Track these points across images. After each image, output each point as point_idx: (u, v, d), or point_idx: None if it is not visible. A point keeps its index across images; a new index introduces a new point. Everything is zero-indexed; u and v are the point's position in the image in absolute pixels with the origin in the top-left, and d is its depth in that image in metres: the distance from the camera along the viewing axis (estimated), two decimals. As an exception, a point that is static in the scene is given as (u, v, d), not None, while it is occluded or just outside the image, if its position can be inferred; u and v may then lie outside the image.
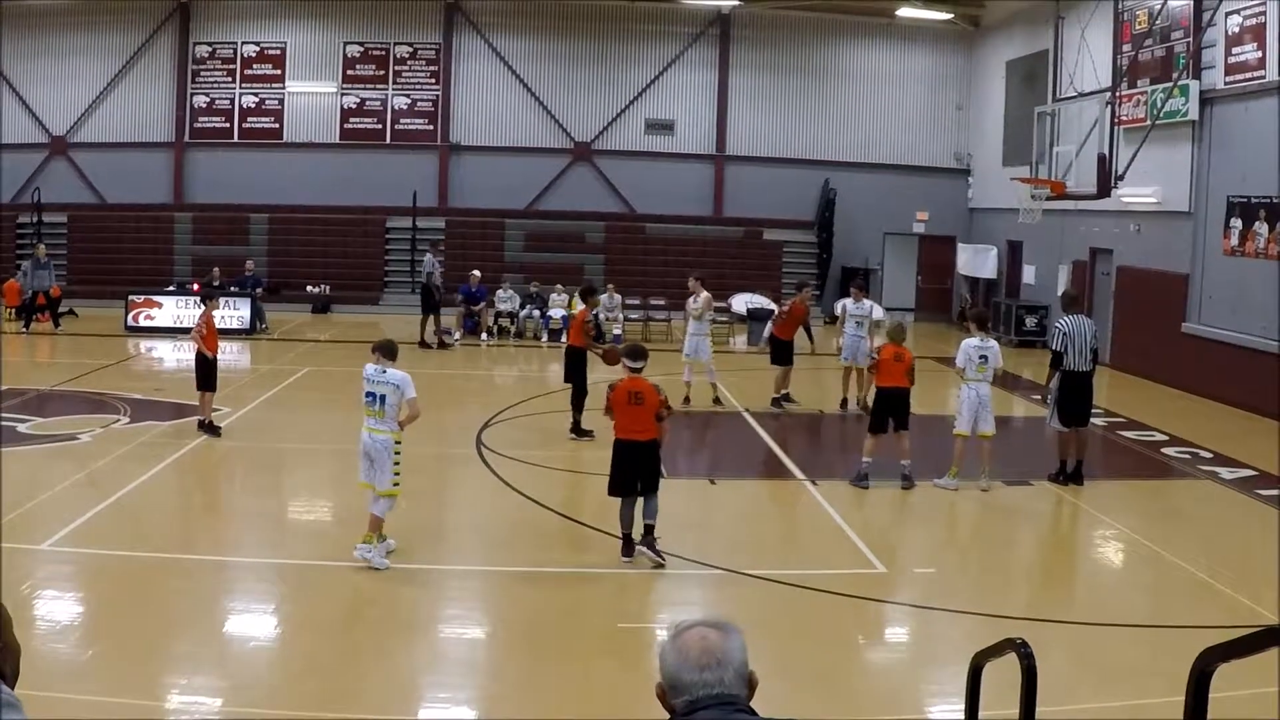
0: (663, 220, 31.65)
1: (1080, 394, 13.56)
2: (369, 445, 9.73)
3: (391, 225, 30.90)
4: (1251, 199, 18.95)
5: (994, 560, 11.40)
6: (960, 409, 13.15)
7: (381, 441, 9.69)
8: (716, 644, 2.70)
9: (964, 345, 13.25)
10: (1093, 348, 13.61)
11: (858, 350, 17.50)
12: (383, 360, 9.81)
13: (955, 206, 32.42)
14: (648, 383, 9.98)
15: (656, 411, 9.83)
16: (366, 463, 9.79)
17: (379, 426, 9.70)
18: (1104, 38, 23.30)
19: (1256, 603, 9.40)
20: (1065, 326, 13.57)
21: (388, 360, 9.83)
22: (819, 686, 7.78)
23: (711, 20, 31.96)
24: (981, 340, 13.18)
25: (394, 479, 9.72)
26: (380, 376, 9.71)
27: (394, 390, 9.64)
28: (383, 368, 9.76)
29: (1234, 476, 14.16)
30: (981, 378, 13.11)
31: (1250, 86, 18.89)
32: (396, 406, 9.68)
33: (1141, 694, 7.55)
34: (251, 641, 8.39)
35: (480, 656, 8.51)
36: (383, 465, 9.69)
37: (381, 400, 9.65)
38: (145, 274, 28.43)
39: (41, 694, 6.70)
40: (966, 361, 13.07)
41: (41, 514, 10.89)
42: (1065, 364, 13.49)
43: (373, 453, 9.71)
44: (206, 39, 31.62)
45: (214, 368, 14.87)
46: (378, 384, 9.69)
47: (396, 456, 9.72)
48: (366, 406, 9.76)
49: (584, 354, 15.55)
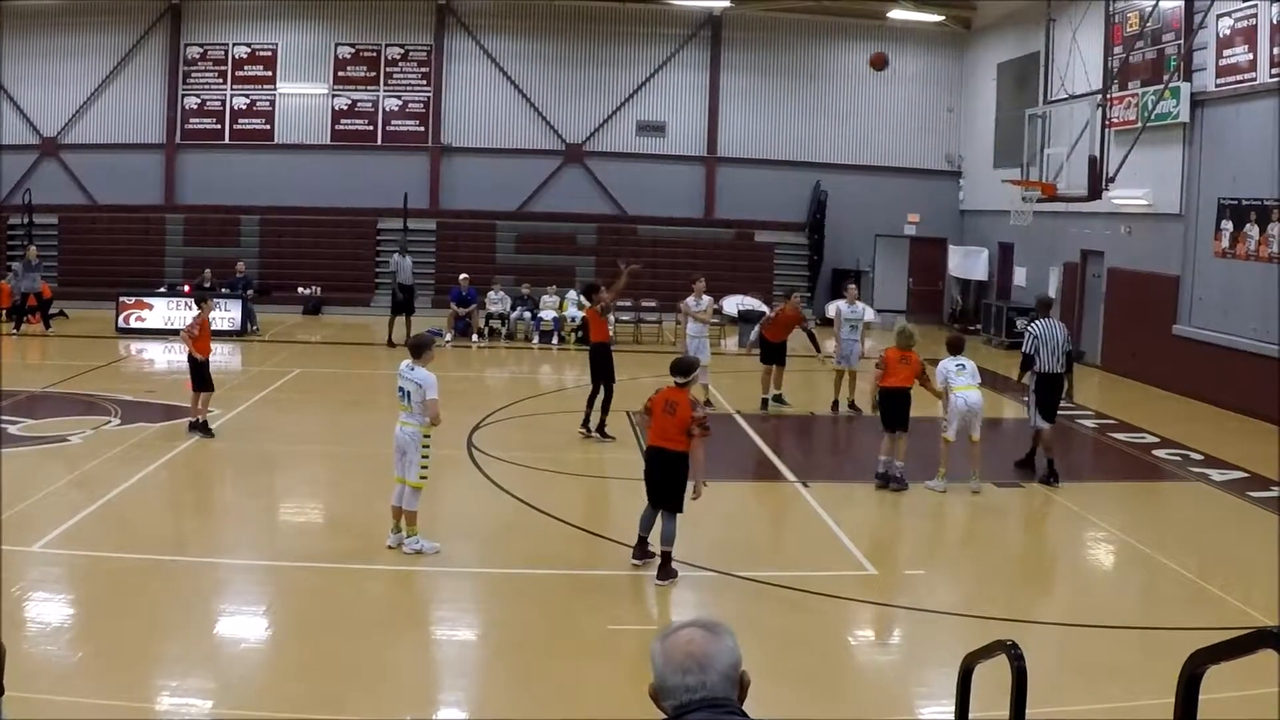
0: (654, 222, 31.66)
1: (1054, 393, 13.97)
2: (399, 437, 10.22)
3: (383, 227, 30.86)
4: (1242, 201, 19.00)
5: (984, 562, 11.41)
6: (950, 417, 13.08)
7: (409, 434, 10.16)
8: (701, 647, 2.70)
9: (940, 367, 13.22)
10: (1066, 350, 13.95)
11: (851, 353, 17.52)
12: (411, 358, 10.31)
13: (946, 208, 32.49)
14: (687, 397, 9.87)
15: (687, 426, 9.69)
16: (399, 455, 10.24)
17: (408, 420, 10.19)
18: (1095, 40, 23.36)
19: (1246, 604, 9.43)
20: (1037, 330, 14.04)
21: (415, 358, 10.28)
22: (810, 688, 7.79)
23: (702, 22, 31.99)
24: (956, 360, 13.24)
25: (422, 471, 10.15)
26: (409, 373, 10.21)
27: (417, 388, 10.09)
28: (411, 365, 10.24)
29: (1224, 479, 14.19)
30: (971, 382, 13.11)
31: (1241, 89, 18.94)
32: (421, 404, 10.08)
33: (1131, 695, 7.57)
34: (242, 643, 8.37)
35: (471, 658, 8.50)
36: (412, 457, 10.14)
37: (408, 396, 10.15)
38: (136, 275, 28.38)
39: (32, 696, 6.69)
40: (945, 377, 13.09)
41: (32, 516, 10.85)
42: (1038, 366, 13.88)
43: (403, 444, 10.18)
44: (197, 40, 31.58)
45: (205, 368, 14.88)
46: (406, 380, 10.19)
47: (425, 450, 10.13)
48: (399, 401, 10.27)
49: (608, 352, 15.49)
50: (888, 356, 13.36)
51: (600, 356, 15.51)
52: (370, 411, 17.52)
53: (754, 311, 26.90)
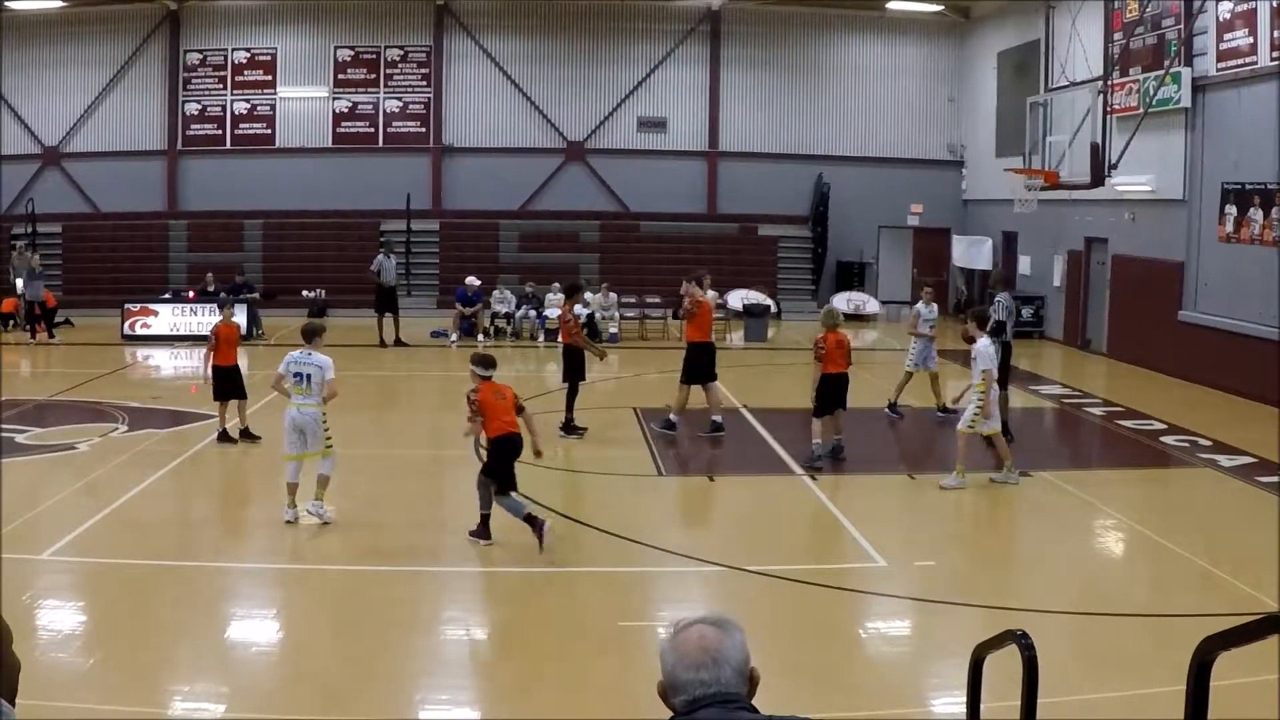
0: (657, 218, 31.64)
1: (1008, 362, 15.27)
2: (299, 419, 11.05)
3: (386, 228, 30.86)
4: (1245, 185, 18.95)
5: (994, 552, 11.41)
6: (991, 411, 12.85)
7: (311, 414, 11.06)
8: (713, 642, 2.69)
9: (984, 349, 12.91)
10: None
11: (928, 355, 17.12)
12: (305, 343, 11.24)
13: (949, 198, 32.45)
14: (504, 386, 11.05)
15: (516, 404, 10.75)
16: (296, 435, 11.07)
17: (305, 402, 11.06)
18: (1095, 26, 23.32)
19: (1257, 590, 9.40)
20: (1007, 302, 15.33)
21: (308, 343, 11.23)
22: (820, 681, 7.78)
23: (702, 17, 31.96)
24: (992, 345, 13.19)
25: (327, 441, 11.12)
26: (307, 359, 11.10)
27: (317, 370, 11.02)
28: (309, 351, 11.15)
29: (1233, 464, 14.16)
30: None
31: (1242, 73, 18.89)
32: (320, 385, 11.02)
33: (1143, 683, 7.56)
34: (252, 646, 8.38)
35: (479, 657, 8.50)
36: (315, 434, 11.04)
37: (307, 379, 11.03)
38: (141, 282, 28.36)
39: (44, 703, 6.71)
40: (989, 362, 12.81)
41: (42, 524, 10.88)
42: (1006, 336, 15.01)
43: (303, 425, 11.03)
44: (197, 46, 31.60)
45: (229, 376, 14.76)
46: (305, 364, 11.07)
47: (326, 426, 11.09)
48: (295, 385, 11.10)
49: (576, 351, 15.55)
50: (828, 343, 13.51)
51: (568, 356, 15.54)
52: (375, 413, 17.54)
53: (759, 305, 26.94)
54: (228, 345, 14.83)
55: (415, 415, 18.52)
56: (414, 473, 13.84)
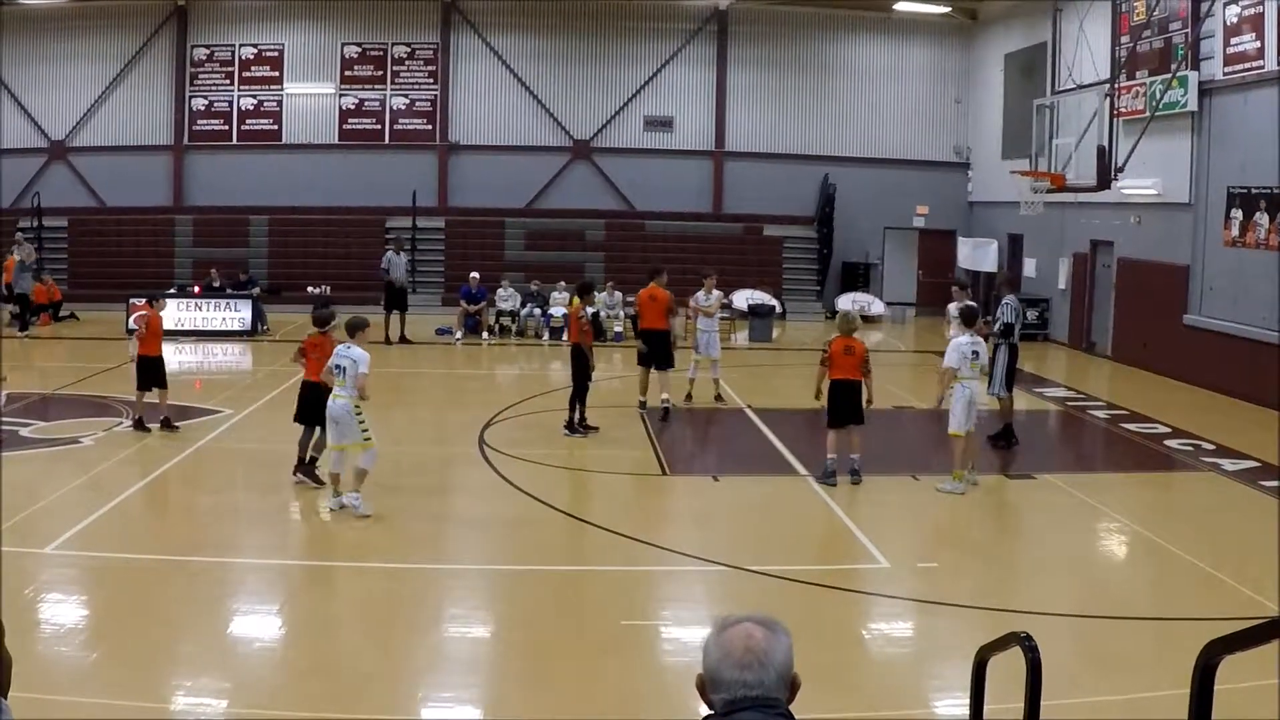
0: (662, 217, 31.62)
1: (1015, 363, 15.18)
2: (333, 409, 11.22)
3: (391, 225, 30.81)
4: (1252, 189, 18.93)
5: (997, 554, 11.40)
6: (954, 409, 12.77)
7: (343, 405, 11.15)
8: (760, 644, 2.65)
9: (956, 344, 12.93)
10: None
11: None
12: (349, 338, 11.41)
13: (955, 200, 32.41)
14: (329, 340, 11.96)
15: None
16: (332, 425, 11.27)
17: (341, 393, 11.20)
18: (1102, 29, 23.30)
19: (1260, 594, 9.39)
20: (1015, 304, 15.24)
21: (351, 338, 11.38)
22: (823, 682, 7.76)
23: (709, 17, 31.95)
24: (971, 338, 13.09)
25: (364, 433, 11.19)
26: (346, 352, 11.27)
27: (353, 364, 11.15)
28: (349, 345, 11.32)
29: (1236, 468, 14.15)
30: (974, 375, 13.02)
31: (1249, 77, 18.86)
32: (354, 378, 11.13)
33: (1146, 686, 7.55)
34: (256, 642, 8.39)
35: (484, 656, 8.50)
36: (348, 425, 11.13)
37: (344, 372, 11.18)
38: (146, 277, 28.37)
39: (47, 698, 6.72)
40: (961, 360, 12.75)
41: (45, 518, 10.90)
42: (1014, 338, 15.00)
43: (337, 415, 11.17)
44: (204, 42, 31.61)
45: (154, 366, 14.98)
46: (343, 358, 11.24)
47: (360, 415, 11.17)
48: (335, 378, 11.27)
49: (582, 352, 15.56)
50: (833, 348, 13.00)
51: (577, 355, 15.55)
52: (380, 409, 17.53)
53: (764, 305, 26.93)
54: (154, 336, 14.95)
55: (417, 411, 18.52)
56: (418, 469, 13.84)
